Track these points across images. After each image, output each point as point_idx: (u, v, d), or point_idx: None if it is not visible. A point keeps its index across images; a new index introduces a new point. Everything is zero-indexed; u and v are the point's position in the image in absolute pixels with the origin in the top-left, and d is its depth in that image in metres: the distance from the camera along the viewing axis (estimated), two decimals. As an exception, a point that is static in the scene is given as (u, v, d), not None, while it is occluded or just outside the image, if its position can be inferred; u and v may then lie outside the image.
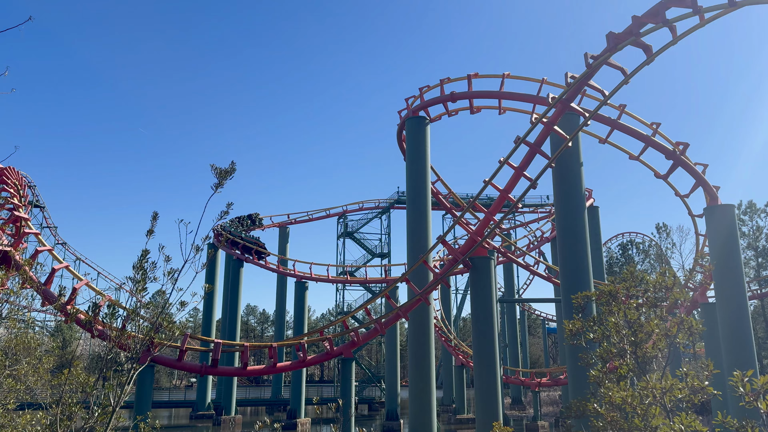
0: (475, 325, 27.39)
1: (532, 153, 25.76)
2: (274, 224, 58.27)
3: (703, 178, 29.22)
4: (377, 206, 62.68)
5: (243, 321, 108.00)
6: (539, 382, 43.74)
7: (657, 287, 6.68)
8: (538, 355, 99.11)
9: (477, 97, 31.37)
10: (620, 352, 6.23)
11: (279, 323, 59.40)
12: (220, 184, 6.00)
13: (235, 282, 51.76)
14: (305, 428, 44.61)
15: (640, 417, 5.00)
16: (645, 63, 21.29)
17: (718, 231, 28.29)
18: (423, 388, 27.99)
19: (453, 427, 46.15)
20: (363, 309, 34.58)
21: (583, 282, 23.75)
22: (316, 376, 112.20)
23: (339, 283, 56.87)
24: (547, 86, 28.96)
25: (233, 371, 32.69)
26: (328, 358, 29.86)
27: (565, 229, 25.19)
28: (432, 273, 29.45)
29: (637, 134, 28.21)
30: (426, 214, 30.83)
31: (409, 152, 31.92)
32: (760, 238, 56.75)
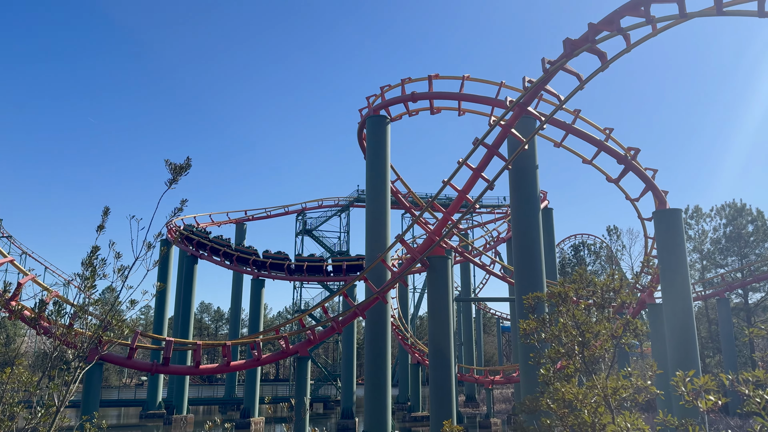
0: (431, 324, 27.66)
1: (489, 155, 26.15)
2: (230, 220, 57.39)
3: (653, 182, 30.24)
4: (337, 204, 62.48)
5: (197, 319, 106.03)
6: (493, 380, 44.45)
7: (605, 289, 6.89)
8: (492, 353, 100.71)
9: (437, 98, 31.66)
10: (569, 352, 6.41)
11: (234, 321, 58.56)
12: (175, 180, 5.87)
13: (189, 279, 50.74)
14: (259, 427, 44.12)
15: (590, 414, 5.15)
16: (599, 69, 21.87)
17: (665, 234, 29.30)
18: (378, 386, 28.08)
19: (408, 425, 46.45)
20: (320, 307, 34.45)
21: (537, 282, 24.27)
22: (271, 375, 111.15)
23: (296, 281, 56.42)
24: (505, 89, 29.49)
25: (185, 370, 32.10)
26: (284, 356, 29.62)
27: (521, 229, 25.70)
28: (390, 272, 29.57)
29: (590, 139, 29.00)
30: (385, 212, 30.92)
31: (369, 151, 31.94)
32: (705, 242, 59.12)
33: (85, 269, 5.73)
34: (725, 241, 57.86)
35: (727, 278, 51.39)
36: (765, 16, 16.39)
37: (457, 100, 31.09)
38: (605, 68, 21.70)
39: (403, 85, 31.98)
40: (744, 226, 56.96)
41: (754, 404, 3.74)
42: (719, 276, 53.07)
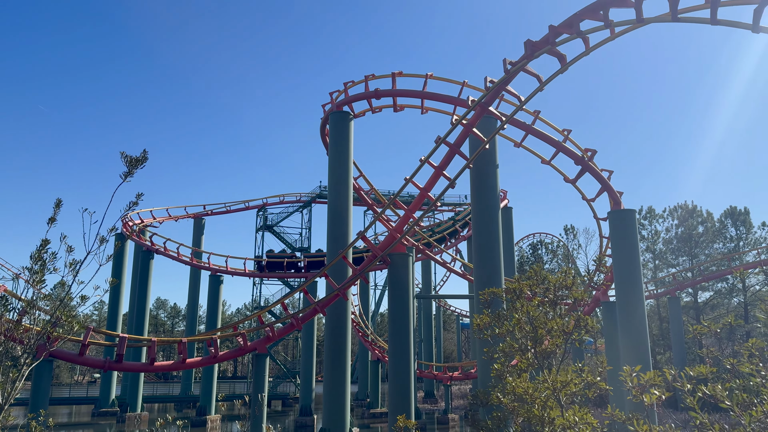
0: (391, 321, 27.79)
1: (451, 153, 26.39)
2: (188, 215, 56.27)
3: (608, 183, 31.04)
4: (298, 200, 61.99)
5: (152, 315, 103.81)
6: (451, 376, 44.92)
7: (558, 286, 7.05)
8: (452, 350, 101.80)
9: (401, 95, 31.75)
10: (522, 347, 6.54)
11: (191, 318, 57.53)
12: (130, 173, 5.72)
13: (145, 274, 49.57)
14: (215, 425, 43.49)
15: (540, 407, 5.28)
16: (559, 71, 22.30)
17: (620, 234, 30.13)
18: (338, 383, 28.05)
19: (366, 421, 46.54)
20: (280, 304, 34.17)
21: (496, 279, 24.64)
22: (228, 372, 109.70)
23: (256, 277, 55.78)
24: (467, 89, 29.80)
25: (139, 367, 31.39)
26: (242, 353, 29.28)
27: (481, 228, 26.04)
28: (351, 268, 29.54)
29: (549, 140, 29.59)
30: (347, 210, 30.87)
31: (332, 147, 31.82)
32: (658, 242, 61.07)
33: (34, 263, 5.54)
34: (677, 241, 59.89)
35: (678, 278, 53.21)
36: (717, 23, 16.98)
37: (420, 98, 31.25)
38: (564, 70, 22.14)
39: (367, 81, 31.96)
40: (695, 227, 59.07)
41: (689, 400, 3.90)
42: (670, 275, 54.91)
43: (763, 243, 55.35)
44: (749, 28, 16.41)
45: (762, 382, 3.75)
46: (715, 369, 4.28)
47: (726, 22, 16.88)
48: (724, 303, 58.74)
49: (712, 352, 5.10)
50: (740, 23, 16.62)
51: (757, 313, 3.73)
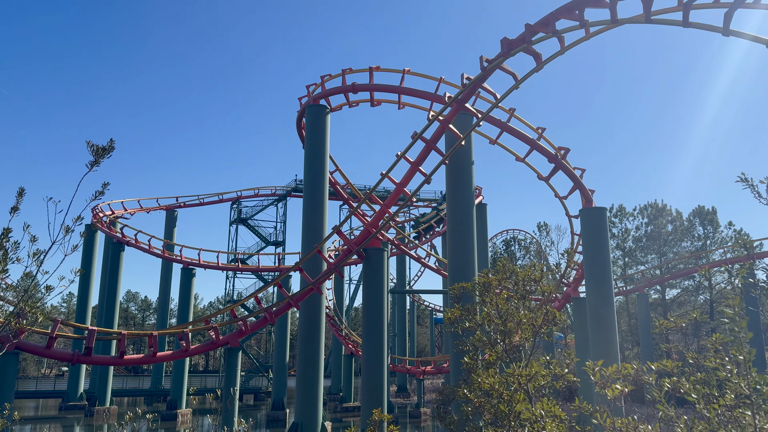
0: (366, 315, 27.82)
1: (427, 149, 26.47)
2: (160, 207, 55.44)
3: (581, 181, 31.49)
4: (273, 193, 61.54)
5: (123, 308, 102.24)
6: (424, 371, 45.20)
7: (526, 279, 7.14)
8: (425, 344, 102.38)
9: (378, 90, 31.71)
10: (491, 340, 6.61)
11: (162, 311, 56.74)
12: (96, 162, 5.60)
13: (115, 266, 48.77)
14: (186, 419, 43.08)
15: (506, 402, 5.35)
16: (534, 70, 22.50)
17: (591, 231, 30.61)
18: (311, 377, 28.00)
19: (339, 415, 46.59)
20: (253, 297, 33.93)
21: (469, 275, 24.81)
22: (200, 366, 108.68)
23: (229, 270, 55.26)
24: (444, 85, 29.91)
25: (109, 360, 30.88)
26: (214, 347, 29.02)
27: (456, 223, 26.20)
28: (326, 263, 29.46)
29: (524, 137, 29.87)
30: (323, 203, 30.74)
31: (308, 140, 31.63)
32: (628, 240, 62.23)
33: (-4, 252, 5.39)
34: (646, 239, 61.13)
35: (646, 275, 54.31)
36: (689, 26, 17.30)
37: (397, 94, 31.25)
38: (540, 69, 22.34)
39: (344, 75, 31.83)
40: (664, 225, 60.35)
41: (655, 393, 4.00)
42: (639, 273, 56.05)
43: (729, 242, 56.79)
44: (720, 31, 16.76)
45: (728, 375, 3.86)
46: (680, 363, 4.39)
47: (697, 24, 17.21)
48: (690, 300, 60.21)
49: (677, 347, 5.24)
50: (711, 26, 16.97)
51: (723, 308, 3.83)
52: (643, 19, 18.74)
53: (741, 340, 3.67)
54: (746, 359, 3.73)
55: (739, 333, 3.69)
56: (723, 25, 16.61)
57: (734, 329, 3.72)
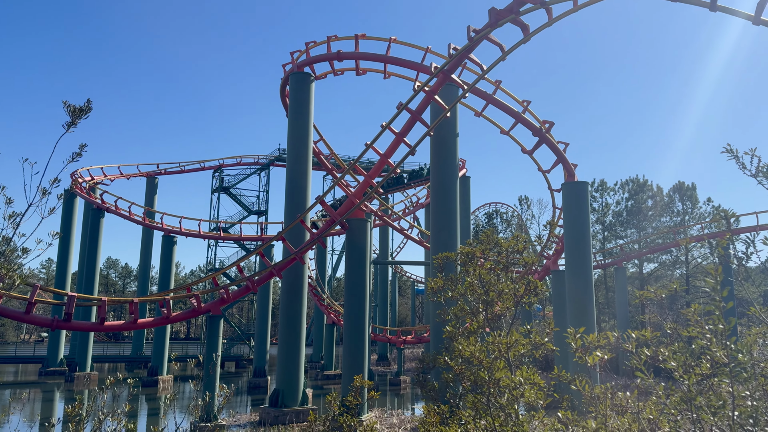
0: (348, 285, 27.95)
1: (412, 120, 26.30)
2: (141, 173, 54.67)
3: (564, 155, 31.61)
4: (256, 162, 60.94)
5: (102, 275, 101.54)
6: (404, 340, 45.78)
7: (509, 250, 7.20)
8: (406, 315, 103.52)
9: (363, 58, 31.30)
10: (473, 310, 6.68)
11: (143, 278, 56.47)
12: (74, 123, 5.45)
13: (95, 233, 48.17)
14: (167, 385, 43.29)
15: (486, 369, 5.44)
16: (522, 41, 22.33)
17: (572, 205, 30.88)
18: (293, 345, 28.21)
19: (320, 382, 47.16)
20: (235, 266, 33.84)
21: (451, 246, 24.95)
22: (181, 334, 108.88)
23: (211, 239, 54.92)
24: (431, 55, 29.60)
25: (89, 326, 30.75)
26: (195, 315, 28.99)
27: (439, 195, 26.24)
28: (309, 233, 29.42)
29: (509, 110, 29.79)
30: (306, 173, 30.55)
31: (291, 109, 31.24)
32: (608, 214, 62.96)
33: (-30, 214, 5.26)
34: (626, 214, 61.87)
35: (625, 249, 55.11)
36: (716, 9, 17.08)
37: (383, 63, 30.88)
38: (527, 40, 22.17)
39: (329, 42, 31.34)
40: (644, 200, 61.06)
41: (634, 361, 4.09)
42: (618, 247, 56.86)
43: (707, 218, 57.72)
44: (707, 6, 16.71)
45: (707, 344, 3.95)
46: (658, 333, 4.48)
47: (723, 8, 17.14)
48: (667, 274, 61.34)
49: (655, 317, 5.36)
50: (699, 0, 16.91)
51: (705, 278, 3.90)
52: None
53: (721, 310, 3.74)
54: (725, 328, 3.81)
55: (719, 303, 3.76)
56: (710, 0, 16.57)
57: (715, 299, 3.80)
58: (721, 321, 3.85)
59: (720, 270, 3.90)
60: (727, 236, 4.29)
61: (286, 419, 26.52)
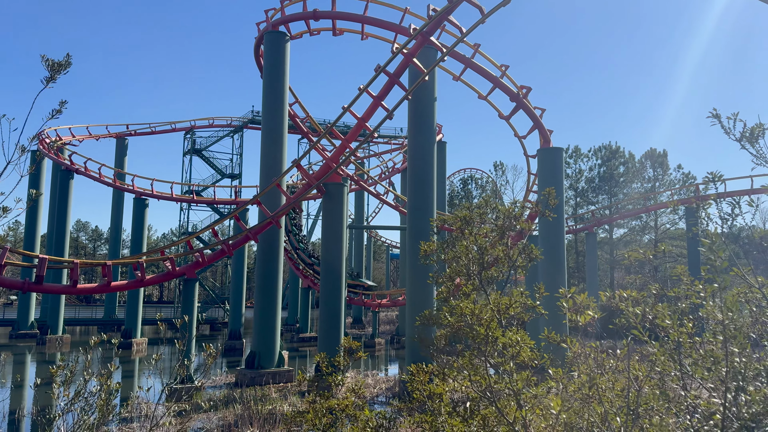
0: (324, 249, 28.01)
1: (390, 83, 26.03)
2: (110, 134, 53.23)
3: (540, 121, 31.75)
4: (229, 124, 59.81)
5: (73, 237, 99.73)
6: (380, 303, 46.29)
7: (507, 216, 7.28)
8: (381, 279, 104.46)
9: (340, 18, 30.68)
10: (469, 272, 6.78)
11: (114, 241, 55.54)
12: (53, 78, 5.26)
13: (64, 194, 47.09)
14: (141, 348, 43.24)
15: (484, 327, 5.56)
16: (501, 4, 22.19)
17: (547, 171, 31.20)
18: (268, 308, 28.32)
19: (296, 345, 47.61)
20: (210, 229, 33.55)
21: (428, 211, 25.11)
22: (154, 297, 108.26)
23: (184, 202, 54.19)
24: (409, 16, 29.13)
25: (61, 289, 30.35)
26: (170, 278, 28.79)
27: (416, 160, 26.19)
28: (285, 197, 29.22)
29: (487, 74, 29.62)
30: (282, 136, 30.14)
31: (266, 69, 30.58)
32: (581, 180, 63.85)
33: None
34: (598, 180, 62.83)
35: (597, 215, 56.14)
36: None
37: (360, 23, 30.33)
38: (507, 3, 21.98)
39: (305, 1, 30.59)
40: (616, 167, 62.01)
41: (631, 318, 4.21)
42: (590, 212, 57.91)
43: (677, 184, 58.98)
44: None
45: (701, 303, 4.08)
46: (645, 293, 4.61)
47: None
48: (636, 240, 62.84)
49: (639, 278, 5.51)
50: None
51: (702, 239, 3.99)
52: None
53: (717, 269, 3.86)
54: (721, 286, 3.94)
55: (715, 261, 3.87)
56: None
57: (710, 258, 3.91)
58: (717, 279, 3.97)
59: (716, 231, 4.01)
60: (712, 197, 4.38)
61: (263, 380, 26.79)
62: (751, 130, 4.33)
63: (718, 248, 3.79)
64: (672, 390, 4.29)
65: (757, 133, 4.32)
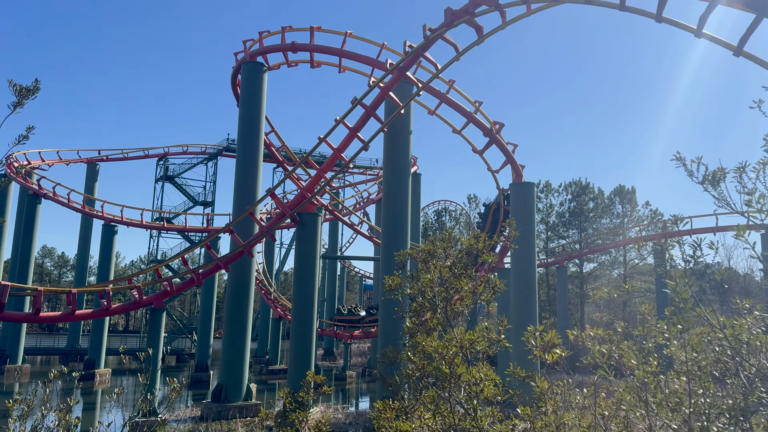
0: (296, 280, 27.72)
1: (367, 115, 26.30)
2: (81, 159, 52.43)
3: (512, 156, 32.29)
4: (203, 152, 59.44)
5: (37, 263, 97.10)
6: (351, 335, 45.82)
7: (470, 249, 7.32)
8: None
9: (318, 51, 31.03)
10: (433, 306, 6.77)
11: (80, 268, 54.25)
12: (20, 103, 5.20)
13: (30, 220, 45.95)
14: (105, 379, 41.87)
15: (448, 365, 5.52)
16: (476, 43, 22.67)
17: (519, 205, 31.61)
18: (237, 339, 27.78)
19: (265, 377, 46.65)
20: (179, 258, 33.01)
21: (402, 242, 25.15)
22: (120, 326, 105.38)
23: (154, 229, 53.32)
24: (386, 52, 29.64)
25: (23, 317, 29.34)
26: (136, 307, 28.13)
27: (391, 191, 26.35)
28: (258, 225, 28.99)
29: (461, 110, 30.19)
30: (257, 164, 30.08)
31: (243, 99, 30.67)
32: (552, 215, 64.78)
33: None
34: (569, 215, 63.84)
35: (567, 249, 56.87)
36: (625, 9, 17.80)
37: (338, 56, 30.71)
38: (481, 42, 22.51)
39: (284, 33, 30.91)
40: (586, 202, 63.15)
41: (596, 357, 4.25)
42: (560, 246, 58.64)
43: (645, 221, 60.22)
44: (652, 17, 17.37)
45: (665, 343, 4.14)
46: (611, 332, 4.67)
47: (632, 8, 17.72)
48: (605, 274, 63.69)
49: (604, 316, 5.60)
50: (644, 11, 17.52)
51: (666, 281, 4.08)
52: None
53: (680, 310, 3.93)
54: (684, 328, 4.01)
55: (679, 303, 3.95)
56: (656, 11, 17.22)
57: (675, 300, 3.99)
58: (680, 321, 4.04)
59: (681, 273, 4.10)
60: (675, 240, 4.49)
61: (229, 414, 26.10)
62: (713, 173, 4.49)
63: (681, 290, 3.87)
64: (637, 429, 4.32)
65: (718, 176, 4.47)
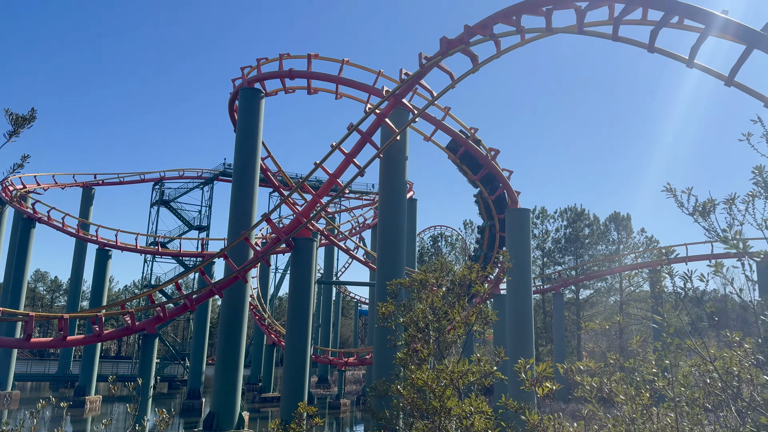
0: (291, 305, 27.51)
1: (363, 141, 26.48)
2: (77, 183, 52.42)
3: (508, 183, 32.46)
4: (200, 176, 59.55)
5: (30, 288, 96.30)
6: (346, 362, 45.34)
7: (462, 279, 7.31)
8: (348, 336, 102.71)
9: (315, 78, 31.36)
10: (425, 336, 6.73)
11: (73, 293, 53.81)
12: (16, 132, 5.21)
13: (24, 244, 45.71)
14: (95, 406, 41.21)
15: (438, 398, 5.46)
16: (470, 71, 22.97)
17: (515, 231, 31.65)
18: (230, 366, 27.44)
19: (258, 405, 45.98)
20: (173, 283, 32.81)
21: (398, 268, 25.09)
22: (112, 352, 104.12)
23: (148, 254, 53.09)
24: (382, 79, 30.00)
25: (14, 342, 29.01)
26: (129, 333, 27.85)
27: (386, 217, 26.37)
28: (253, 250, 28.90)
29: (457, 136, 30.44)
30: (253, 189, 30.11)
31: (240, 124, 30.85)
32: (547, 241, 64.82)
33: None
34: (564, 241, 63.87)
35: (563, 275, 56.78)
36: (618, 40, 18.10)
37: (335, 83, 31.03)
38: (476, 70, 22.82)
39: (281, 60, 31.26)
40: (582, 229, 63.26)
41: (585, 391, 4.22)
42: (556, 273, 58.54)
43: (641, 247, 60.29)
44: (645, 47, 17.67)
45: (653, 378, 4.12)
46: (603, 364, 4.65)
47: (625, 39, 18.03)
48: (602, 301, 63.48)
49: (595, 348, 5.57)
50: (637, 42, 17.84)
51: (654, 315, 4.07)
52: (575, 30, 19.43)
53: (668, 346, 3.93)
54: (672, 363, 4.00)
55: (666, 339, 3.94)
56: (649, 42, 17.51)
57: (662, 335, 3.98)
58: (669, 356, 4.04)
59: (668, 306, 4.10)
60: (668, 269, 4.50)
61: (222, 443, 25.66)
62: (703, 205, 4.52)
63: (672, 322, 3.88)
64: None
65: (708, 207, 4.50)
